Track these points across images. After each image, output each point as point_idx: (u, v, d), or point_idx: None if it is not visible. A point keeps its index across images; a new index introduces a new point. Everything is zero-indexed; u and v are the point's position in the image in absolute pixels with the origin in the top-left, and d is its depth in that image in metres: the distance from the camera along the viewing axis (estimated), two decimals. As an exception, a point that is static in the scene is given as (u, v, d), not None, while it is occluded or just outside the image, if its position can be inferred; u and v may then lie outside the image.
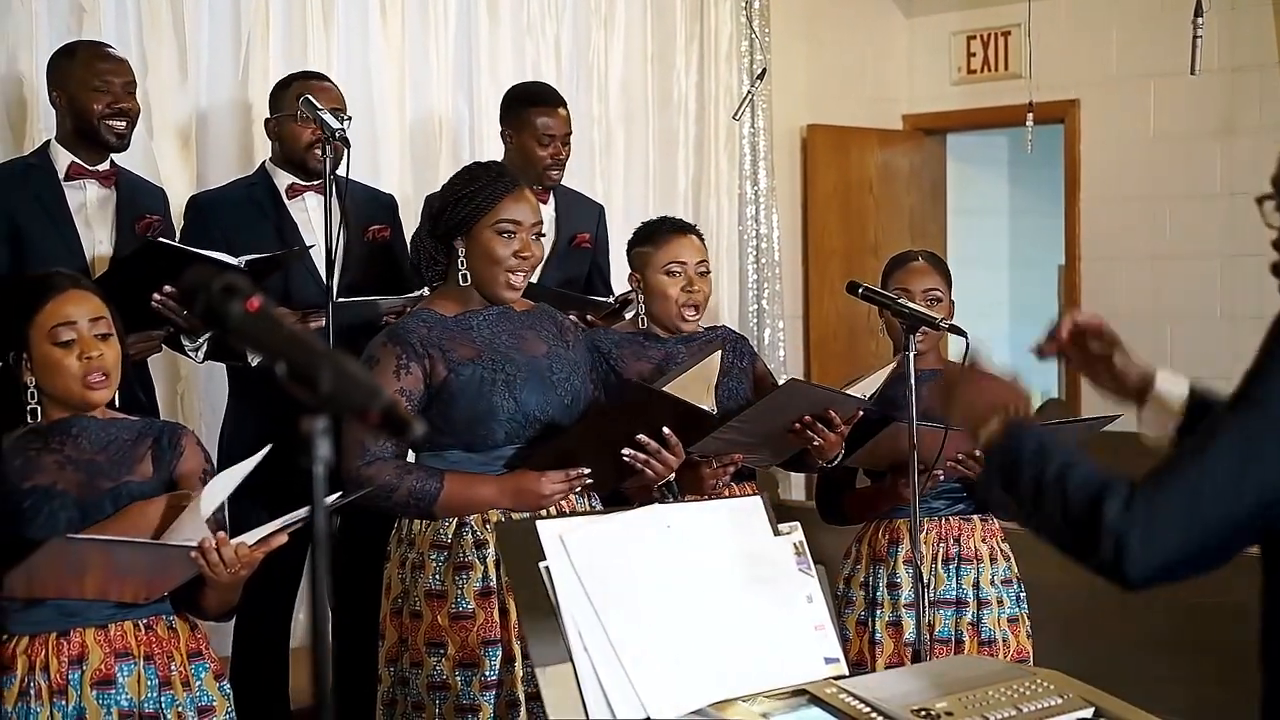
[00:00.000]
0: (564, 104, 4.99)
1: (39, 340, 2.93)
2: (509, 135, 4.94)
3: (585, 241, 5.03)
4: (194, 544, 2.80)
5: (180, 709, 2.93)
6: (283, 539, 2.85)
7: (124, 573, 2.85)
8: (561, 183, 5.04)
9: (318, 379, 1.47)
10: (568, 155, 4.95)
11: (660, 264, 3.91)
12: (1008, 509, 2.39)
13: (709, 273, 3.99)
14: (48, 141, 4.37)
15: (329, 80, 4.71)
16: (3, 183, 4.28)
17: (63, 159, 4.29)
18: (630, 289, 4.08)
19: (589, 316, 4.57)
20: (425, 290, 4.20)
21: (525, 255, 3.40)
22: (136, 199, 4.39)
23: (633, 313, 4.08)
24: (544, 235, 3.51)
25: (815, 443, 3.76)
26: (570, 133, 4.95)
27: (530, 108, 4.91)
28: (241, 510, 3.15)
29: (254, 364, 4.24)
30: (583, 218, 5.08)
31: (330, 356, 1.51)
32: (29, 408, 2.95)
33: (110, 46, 4.48)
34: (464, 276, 3.41)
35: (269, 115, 4.61)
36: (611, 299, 4.69)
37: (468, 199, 3.40)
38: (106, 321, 2.99)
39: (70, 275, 3.10)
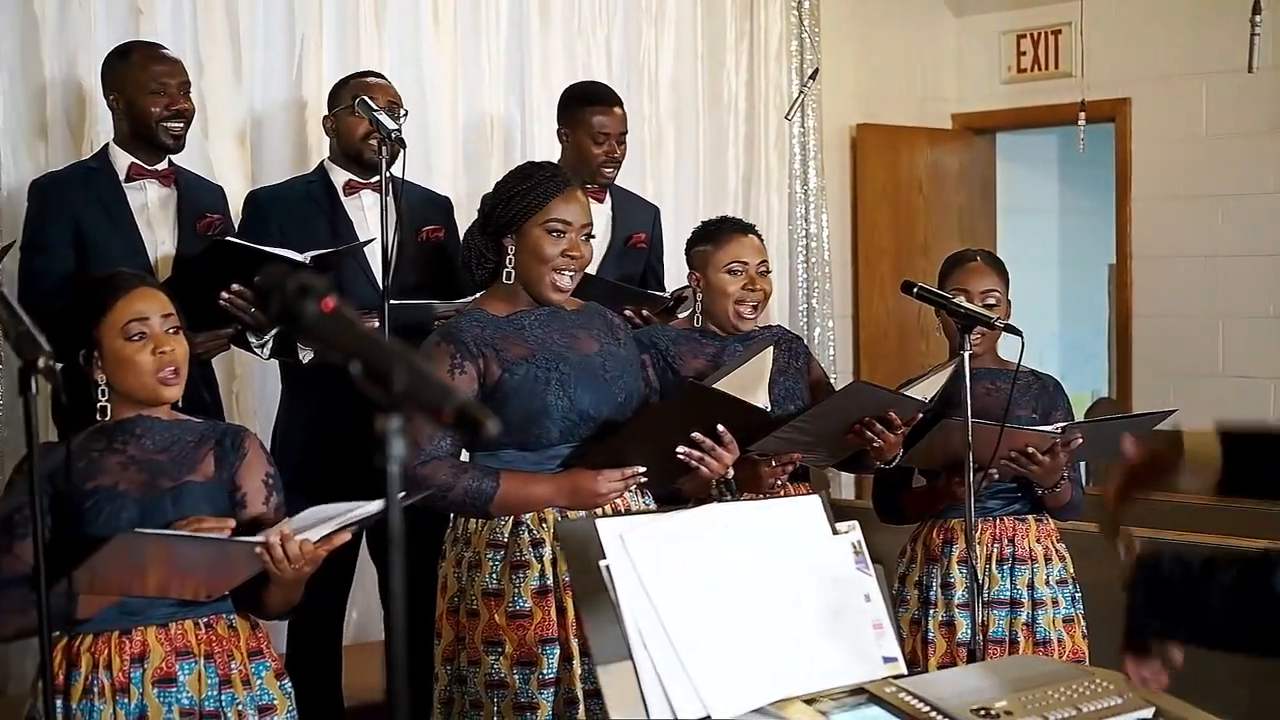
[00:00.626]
0: (620, 103, 5.02)
1: (111, 337, 2.95)
2: (565, 134, 4.97)
3: (641, 242, 5.05)
4: (259, 540, 2.82)
5: (240, 707, 2.95)
6: (346, 537, 2.87)
7: (187, 569, 2.86)
8: (615, 183, 5.07)
9: (392, 378, 1.48)
10: (623, 154, 4.97)
11: (722, 263, 3.91)
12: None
13: (769, 272, 3.99)
14: (107, 144, 4.41)
15: (385, 78, 4.73)
16: (65, 187, 4.32)
17: (122, 160, 4.32)
18: (687, 285, 4.09)
19: (644, 312, 4.58)
20: (478, 295, 4.23)
21: (574, 255, 3.40)
22: (197, 198, 4.43)
23: (687, 311, 4.09)
24: (594, 237, 3.50)
25: (875, 444, 3.76)
26: (625, 131, 4.97)
27: (586, 106, 4.94)
28: (293, 509, 3.16)
29: (305, 361, 4.27)
30: (638, 218, 5.10)
31: (404, 355, 1.52)
32: (100, 405, 2.97)
33: (164, 47, 4.51)
34: (508, 275, 3.42)
35: (327, 113, 4.64)
36: (667, 295, 4.69)
37: (519, 197, 3.40)
38: (175, 318, 3.01)
39: (136, 274, 3.13)
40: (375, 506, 2.84)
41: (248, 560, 2.84)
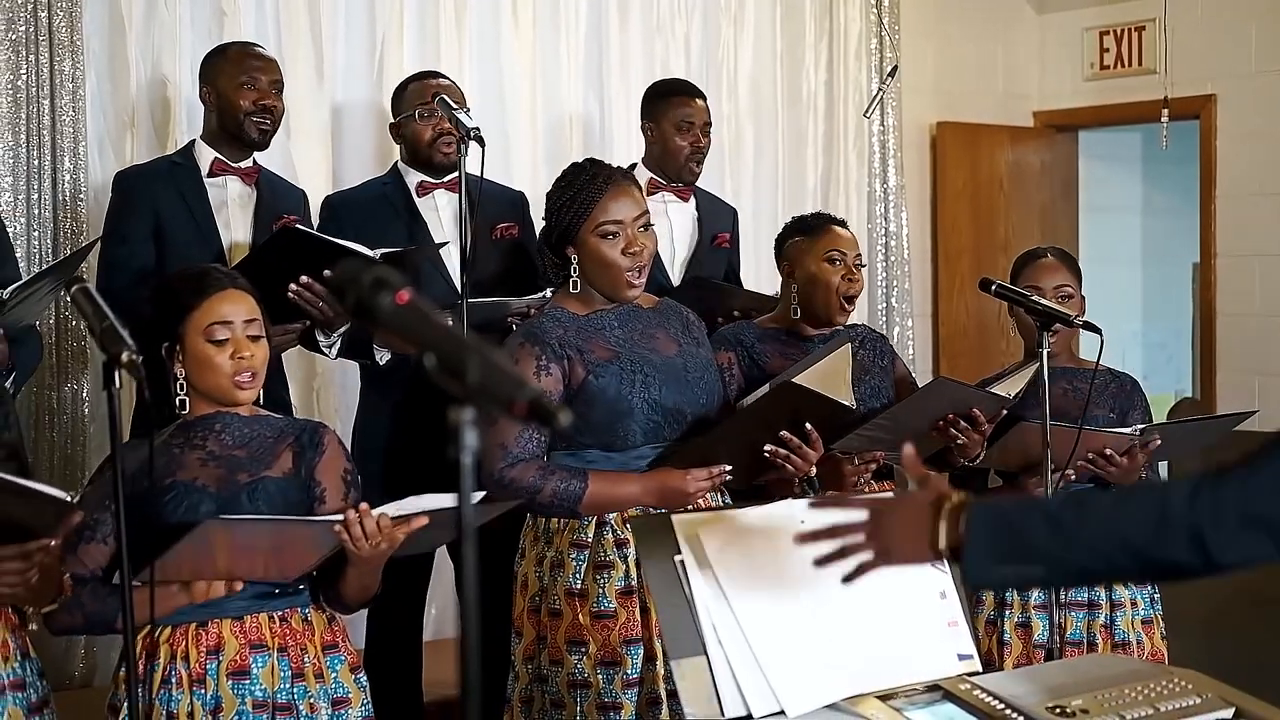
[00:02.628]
0: (702, 96, 5.05)
1: (194, 335, 2.98)
2: (649, 128, 5.00)
3: (725, 241, 5.06)
4: (338, 517, 2.85)
5: (313, 700, 2.97)
6: (423, 521, 2.87)
7: (263, 549, 2.88)
8: (697, 185, 5.09)
9: (466, 370, 1.50)
10: (708, 146, 4.98)
11: (820, 252, 3.90)
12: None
13: (865, 265, 3.97)
14: (194, 140, 4.47)
15: (447, 76, 4.75)
16: (148, 179, 4.38)
17: (206, 156, 4.38)
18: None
19: (752, 312, 4.53)
20: (548, 292, 4.24)
21: (634, 251, 3.37)
22: (276, 198, 4.47)
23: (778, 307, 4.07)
24: (651, 225, 3.45)
25: (959, 441, 3.74)
26: (709, 123, 4.99)
27: (669, 98, 4.99)
28: (372, 505, 3.18)
29: (382, 363, 4.30)
30: (721, 218, 5.12)
31: (478, 348, 1.53)
32: (178, 399, 3.01)
33: (261, 47, 4.57)
34: (575, 284, 3.42)
35: (392, 120, 4.67)
36: (775, 294, 4.64)
37: (567, 206, 3.39)
38: (259, 323, 3.04)
39: (228, 273, 3.15)
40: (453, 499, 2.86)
41: (325, 539, 2.86)
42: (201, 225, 4.30)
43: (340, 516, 2.85)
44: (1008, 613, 3.93)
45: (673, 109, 4.93)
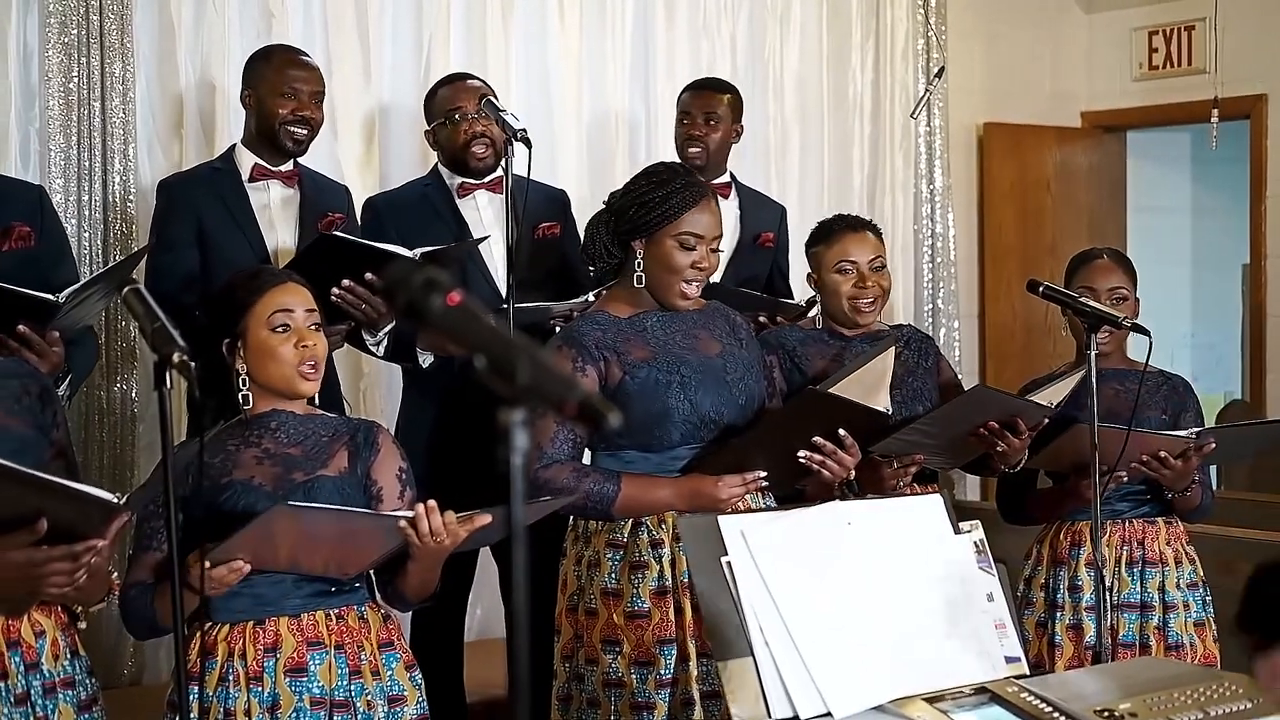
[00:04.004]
0: (711, 88, 5.11)
1: (256, 327, 2.99)
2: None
3: (769, 241, 5.05)
4: (406, 513, 2.86)
5: (370, 697, 2.98)
6: (487, 519, 2.88)
7: (328, 541, 2.89)
8: (739, 180, 5.10)
9: (516, 371, 1.50)
10: (712, 138, 4.97)
11: (831, 263, 3.91)
12: None
13: (885, 268, 3.97)
14: (234, 145, 4.49)
15: (476, 77, 4.74)
16: (190, 186, 4.40)
17: (247, 161, 4.39)
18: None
19: (778, 319, 4.55)
20: (591, 296, 4.25)
21: (702, 267, 3.40)
22: (320, 198, 4.48)
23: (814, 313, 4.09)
24: (720, 251, 3.50)
25: (999, 448, 3.73)
26: (714, 115, 4.98)
27: (682, 93, 5.11)
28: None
29: (425, 365, 4.31)
30: (765, 217, 5.10)
31: (528, 349, 1.53)
32: (240, 394, 3.02)
33: (306, 55, 4.57)
34: (638, 279, 3.43)
35: (426, 126, 4.68)
36: (802, 302, 4.65)
37: (655, 204, 3.38)
38: (317, 315, 3.06)
39: (283, 270, 3.18)
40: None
41: (390, 535, 2.87)
42: (245, 229, 4.32)
43: (407, 513, 2.87)
44: (1058, 615, 3.92)
45: (681, 101, 5.06)
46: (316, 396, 3.11)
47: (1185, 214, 9.55)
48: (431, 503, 2.85)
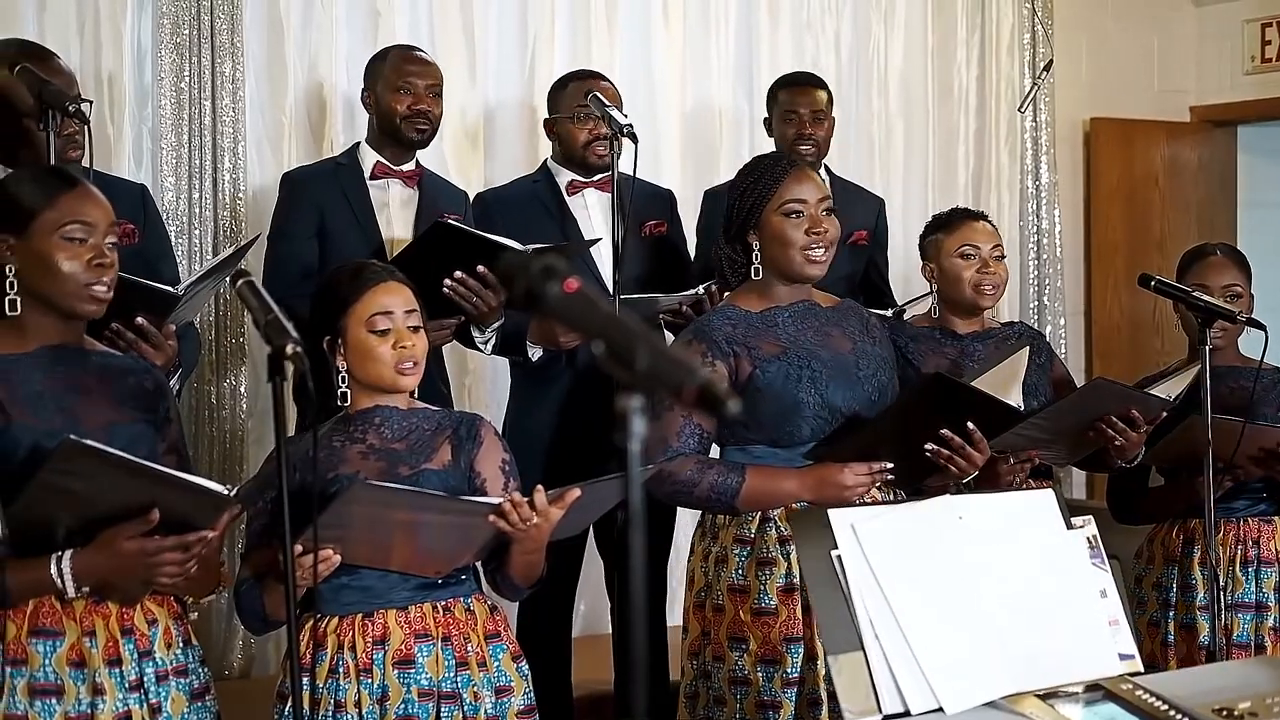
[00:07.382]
0: (813, 84, 5.07)
1: (355, 327, 3.03)
2: (769, 123, 5.08)
3: (862, 239, 5.00)
4: (495, 501, 2.88)
5: (477, 689, 3.00)
6: (577, 493, 2.88)
7: (421, 536, 2.91)
8: (837, 175, 5.07)
9: (635, 357, 1.50)
10: (819, 134, 4.95)
11: (953, 249, 3.87)
12: None
13: (1004, 257, 3.93)
14: (358, 142, 4.54)
15: (606, 78, 4.77)
16: (314, 180, 4.47)
17: (369, 158, 4.45)
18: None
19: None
20: (700, 289, 4.23)
21: (819, 231, 3.36)
22: (438, 199, 4.52)
23: (927, 305, 4.04)
24: (835, 211, 3.44)
25: (1117, 442, 3.68)
26: (820, 111, 4.97)
27: (779, 90, 5.06)
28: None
29: (534, 359, 4.33)
30: (860, 214, 5.03)
31: (647, 335, 1.53)
32: (340, 391, 3.05)
33: (421, 51, 4.62)
34: (757, 271, 3.41)
35: (547, 116, 4.70)
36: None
37: (750, 189, 3.40)
38: (418, 314, 3.08)
39: (386, 267, 3.19)
40: (610, 480, 2.88)
41: (481, 526, 2.89)
42: (364, 225, 4.37)
43: (492, 499, 2.89)
44: (1171, 614, 3.87)
45: (779, 98, 5.02)
46: (417, 390, 3.13)
47: (1298, 209, 9.37)
48: (516, 496, 2.87)
